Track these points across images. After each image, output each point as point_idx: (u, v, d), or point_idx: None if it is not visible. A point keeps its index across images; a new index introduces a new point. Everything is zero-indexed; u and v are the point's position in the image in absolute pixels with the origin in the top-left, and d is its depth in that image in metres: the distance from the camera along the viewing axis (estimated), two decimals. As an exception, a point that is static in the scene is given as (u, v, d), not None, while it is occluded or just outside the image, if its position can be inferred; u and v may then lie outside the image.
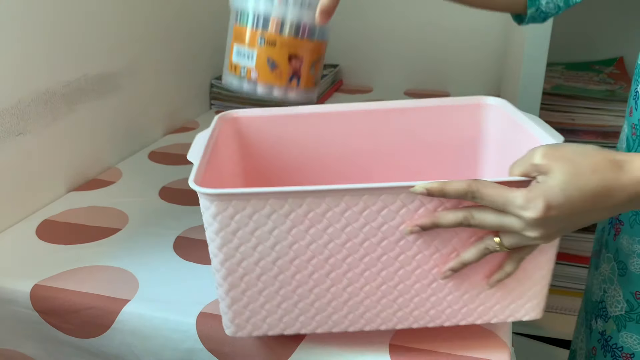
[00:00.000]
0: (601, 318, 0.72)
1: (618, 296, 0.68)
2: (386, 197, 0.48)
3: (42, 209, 0.87)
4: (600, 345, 0.73)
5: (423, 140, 0.71)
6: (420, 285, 0.52)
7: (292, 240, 0.50)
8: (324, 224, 0.49)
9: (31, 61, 0.82)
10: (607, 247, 0.71)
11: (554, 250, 0.52)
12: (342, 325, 0.55)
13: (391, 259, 0.51)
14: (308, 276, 0.52)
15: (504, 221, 0.47)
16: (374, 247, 0.50)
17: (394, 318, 0.54)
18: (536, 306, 0.54)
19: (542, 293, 0.54)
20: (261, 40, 0.60)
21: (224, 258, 0.51)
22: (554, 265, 0.53)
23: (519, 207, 0.45)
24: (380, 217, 0.49)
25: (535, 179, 0.46)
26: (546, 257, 0.52)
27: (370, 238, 0.50)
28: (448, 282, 0.52)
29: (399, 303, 0.53)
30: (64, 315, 0.66)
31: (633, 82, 0.66)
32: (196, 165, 0.52)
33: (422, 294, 0.53)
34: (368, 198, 0.48)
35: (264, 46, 0.60)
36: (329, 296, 0.53)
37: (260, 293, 0.52)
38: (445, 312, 0.54)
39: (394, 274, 0.52)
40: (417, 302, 0.53)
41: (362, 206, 0.48)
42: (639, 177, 0.45)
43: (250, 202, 0.48)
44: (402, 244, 0.50)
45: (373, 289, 0.53)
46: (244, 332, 0.55)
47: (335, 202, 0.48)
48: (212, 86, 1.40)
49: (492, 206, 0.47)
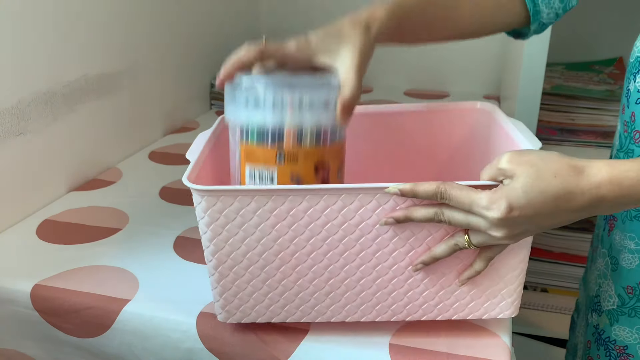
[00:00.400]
0: (596, 312, 0.74)
1: (610, 291, 0.69)
2: (363, 196, 0.51)
3: (43, 208, 0.87)
4: (595, 338, 0.74)
5: (417, 142, 0.75)
6: (397, 280, 0.55)
7: (276, 234, 0.53)
8: (305, 220, 0.52)
9: (31, 61, 0.82)
10: (602, 243, 0.72)
11: (525, 252, 0.55)
12: (325, 316, 0.58)
13: (369, 255, 0.54)
14: (291, 269, 0.55)
15: (471, 220, 0.50)
16: (352, 243, 0.54)
17: (373, 311, 0.58)
18: (510, 304, 0.57)
19: (517, 292, 0.57)
20: (280, 156, 0.54)
21: (214, 249, 0.54)
22: (527, 265, 0.56)
23: (483, 208, 0.48)
24: (357, 215, 0.52)
25: (502, 182, 0.49)
26: (518, 258, 0.55)
27: (348, 235, 0.53)
28: (424, 278, 0.55)
29: (378, 297, 0.56)
30: (64, 315, 0.66)
31: (625, 80, 0.66)
32: (192, 163, 0.56)
33: (399, 289, 0.56)
34: (346, 197, 0.51)
35: (285, 163, 0.55)
36: (311, 288, 0.56)
37: (247, 283, 0.56)
38: (422, 307, 0.57)
39: (372, 269, 0.55)
40: (395, 296, 0.56)
41: (340, 205, 0.51)
42: (597, 182, 0.48)
43: (237, 198, 0.51)
44: (378, 241, 0.53)
45: (353, 282, 0.56)
46: (234, 319, 0.58)
47: (315, 200, 0.51)
48: (212, 86, 1.40)
49: (459, 207, 0.50)
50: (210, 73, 1.40)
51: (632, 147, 0.64)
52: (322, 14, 1.64)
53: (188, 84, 1.31)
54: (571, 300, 1.44)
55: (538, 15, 0.74)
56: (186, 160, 0.58)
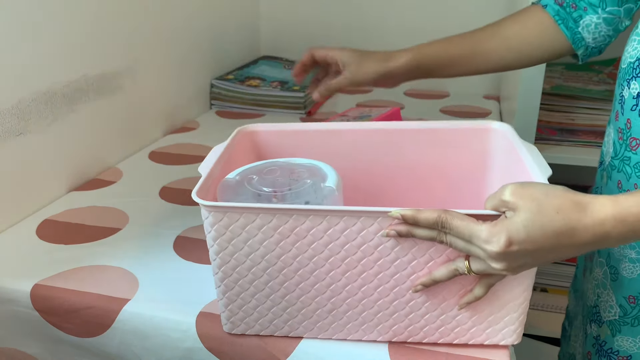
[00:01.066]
0: (595, 323, 0.73)
1: (611, 301, 0.69)
2: (365, 219, 0.52)
3: (43, 208, 0.87)
4: (595, 350, 0.73)
5: (431, 159, 0.74)
6: (398, 302, 0.56)
7: (279, 251, 0.54)
8: (308, 239, 0.53)
9: (31, 61, 0.82)
10: (599, 252, 0.71)
11: (529, 281, 0.54)
12: (327, 333, 0.59)
13: (370, 276, 0.55)
14: (295, 285, 0.56)
15: (471, 249, 0.50)
16: (354, 264, 0.54)
17: (374, 331, 0.58)
18: (513, 332, 0.57)
19: (519, 320, 0.56)
20: None
21: (221, 263, 0.56)
22: (531, 293, 0.55)
23: (483, 241, 0.48)
24: (359, 237, 0.53)
25: (504, 214, 0.49)
26: (522, 287, 0.54)
27: (350, 255, 0.54)
28: (425, 301, 0.55)
29: (379, 317, 0.57)
30: (64, 314, 0.66)
31: (617, 87, 0.66)
32: (202, 178, 0.57)
33: (400, 311, 0.56)
34: (348, 219, 0.52)
35: None
36: (313, 305, 0.57)
37: (252, 296, 0.57)
38: (424, 330, 0.57)
39: (374, 290, 0.55)
40: (396, 317, 0.57)
41: (342, 226, 0.52)
42: (600, 219, 0.47)
43: (242, 215, 0.53)
44: (380, 262, 0.54)
45: (355, 301, 0.56)
46: (239, 330, 0.60)
47: (318, 220, 0.52)
48: (212, 86, 1.40)
49: (459, 237, 0.50)
50: (210, 73, 1.41)
51: (628, 155, 0.64)
52: (322, 13, 1.64)
53: (188, 84, 1.31)
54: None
55: (581, 42, 0.77)
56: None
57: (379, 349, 0.58)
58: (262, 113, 1.36)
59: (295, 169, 0.62)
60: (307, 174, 0.61)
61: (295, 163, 0.64)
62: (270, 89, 1.36)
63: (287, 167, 0.63)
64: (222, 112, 1.38)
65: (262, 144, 0.74)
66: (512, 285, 0.54)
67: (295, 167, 0.63)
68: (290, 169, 0.62)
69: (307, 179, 0.60)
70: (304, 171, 0.61)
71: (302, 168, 0.62)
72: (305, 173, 0.61)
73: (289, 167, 0.63)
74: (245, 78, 1.42)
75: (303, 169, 0.62)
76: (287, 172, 0.62)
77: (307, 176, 0.61)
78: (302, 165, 0.63)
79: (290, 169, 0.62)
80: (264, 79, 1.42)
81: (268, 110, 1.36)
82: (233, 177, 0.61)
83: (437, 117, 1.34)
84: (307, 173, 0.61)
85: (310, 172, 0.61)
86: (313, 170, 0.62)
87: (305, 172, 0.61)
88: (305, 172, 0.61)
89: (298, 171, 0.62)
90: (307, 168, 0.62)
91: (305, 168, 0.62)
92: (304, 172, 0.61)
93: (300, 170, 0.62)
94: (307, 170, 0.62)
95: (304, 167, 0.62)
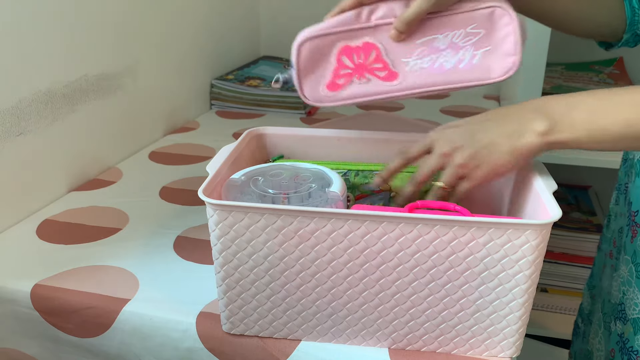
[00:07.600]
0: (620, 320, 0.72)
1: (636, 299, 0.68)
2: (369, 223, 0.52)
3: (43, 209, 0.87)
4: (619, 347, 0.72)
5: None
6: (399, 309, 0.56)
7: (282, 253, 0.54)
8: (311, 241, 0.53)
9: (31, 61, 0.82)
10: (625, 250, 0.71)
11: (527, 297, 0.54)
12: (326, 337, 0.59)
13: (372, 281, 0.55)
14: (296, 287, 0.56)
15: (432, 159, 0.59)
16: (356, 268, 0.54)
17: (373, 337, 0.58)
18: (512, 344, 0.57)
19: (519, 333, 0.56)
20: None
21: (223, 262, 0.56)
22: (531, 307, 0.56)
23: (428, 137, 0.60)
24: (363, 241, 0.53)
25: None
26: (521, 300, 0.54)
27: (353, 259, 0.54)
28: (426, 310, 0.55)
29: (379, 324, 0.57)
30: (64, 314, 0.66)
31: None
32: (209, 177, 0.58)
33: (401, 318, 0.56)
34: (352, 223, 0.52)
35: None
36: (314, 308, 0.57)
37: (253, 297, 0.57)
38: (423, 339, 0.57)
39: (375, 296, 0.55)
40: (396, 325, 0.57)
41: (346, 229, 0.52)
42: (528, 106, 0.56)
43: (247, 215, 0.53)
44: (382, 268, 0.54)
45: (355, 307, 0.56)
46: (238, 330, 0.60)
47: (322, 222, 0.52)
48: (212, 86, 1.40)
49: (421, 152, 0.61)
50: (211, 73, 1.41)
51: None
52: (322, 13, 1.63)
53: (188, 84, 1.31)
54: (571, 300, 1.44)
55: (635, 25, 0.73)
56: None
57: (379, 351, 0.58)
58: (262, 113, 1.36)
59: (301, 173, 0.63)
60: (312, 179, 0.62)
61: (301, 167, 0.65)
62: (270, 89, 1.36)
63: (293, 170, 0.64)
64: (222, 112, 1.38)
65: (271, 146, 0.75)
66: (511, 297, 0.54)
67: (301, 170, 0.64)
68: (295, 173, 0.63)
69: (311, 183, 0.61)
70: (309, 175, 0.63)
71: (308, 172, 0.63)
72: (310, 177, 0.62)
73: (295, 170, 0.64)
74: (245, 78, 1.42)
75: (308, 173, 0.63)
76: (292, 175, 0.63)
77: (312, 180, 0.61)
78: (308, 170, 0.64)
79: (295, 172, 0.63)
80: (264, 79, 1.42)
81: (268, 110, 1.36)
82: (238, 177, 0.62)
83: (437, 117, 1.33)
84: (312, 177, 0.62)
85: (315, 176, 0.62)
86: (318, 175, 0.63)
87: (311, 177, 0.62)
88: (310, 176, 0.62)
89: (303, 175, 0.63)
90: (312, 172, 0.63)
91: (311, 172, 0.63)
92: (309, 177, 0.62)
93: (305, 175, 0.63)
94: (313, 175, 0.63)
95: (309, 172, 0.63)
